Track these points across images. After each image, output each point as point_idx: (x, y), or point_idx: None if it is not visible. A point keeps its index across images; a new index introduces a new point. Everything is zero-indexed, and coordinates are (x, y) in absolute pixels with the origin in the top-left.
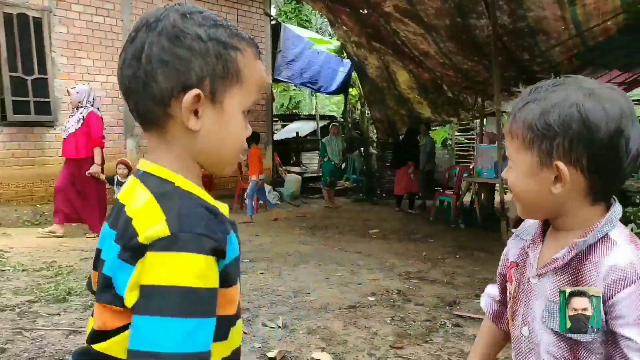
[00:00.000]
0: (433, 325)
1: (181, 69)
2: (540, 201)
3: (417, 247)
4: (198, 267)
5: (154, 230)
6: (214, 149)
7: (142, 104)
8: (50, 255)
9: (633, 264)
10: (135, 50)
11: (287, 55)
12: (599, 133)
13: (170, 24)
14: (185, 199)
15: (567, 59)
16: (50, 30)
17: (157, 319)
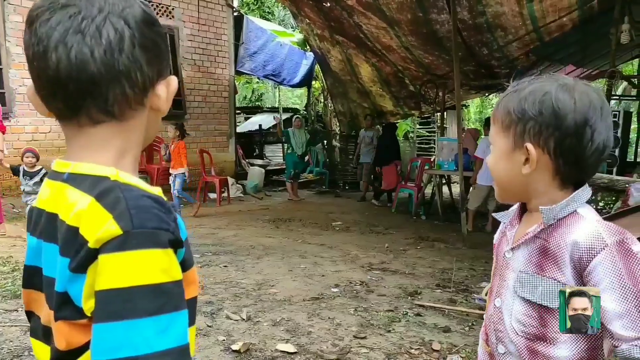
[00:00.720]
0: (395, 315)
1: (159, 54)
2: (514, 182)
3: (379, 239)
4: (159, 262)
5: (103, 231)
6: (156, 124)
7: (115, 93)
8: (6, 250)
9: (599, 232)
10: (115, 39)
11: (250, 47)
12: (565, 120)
13: (140, 10)
14: (127, 193)
15: (524, 54)
16: (5, 19)
17: (124, 323)
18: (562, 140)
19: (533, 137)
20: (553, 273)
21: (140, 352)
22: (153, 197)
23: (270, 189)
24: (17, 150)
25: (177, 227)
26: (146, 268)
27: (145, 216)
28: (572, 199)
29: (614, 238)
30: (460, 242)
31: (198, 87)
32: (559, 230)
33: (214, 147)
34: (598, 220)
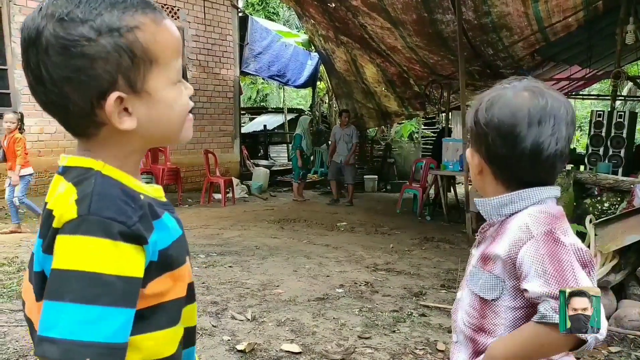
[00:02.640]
0: (400, 315)
1: (87, 79)
2: (476, 184)
3: (384, 240)
4: (103, 252)
5: (64, 212)
6: (158, 129)
7: (69, 122)
8: (12, 251)
9: (527, 224)
10: (34, 76)
11: (255, 47)
12: (494, 130)
13: (51, 35)
14: (100, 182)
15: (529, 55)
16: (10, 20)
17: (57, 304)
18: (489, 148)
19: (473, 144)
20: (491, 267)
21: (63, 336)
22: (126, 191)
23: (275, 190)
24: None
25: (143, 223)
26: (89, 255)
27: (104, 204)
28: (517, 196)
29: (542, 228)
30: (465, 243)
31: (203, 87)
32: (503, 227)
33: (218, 147)
34: (532, 213)
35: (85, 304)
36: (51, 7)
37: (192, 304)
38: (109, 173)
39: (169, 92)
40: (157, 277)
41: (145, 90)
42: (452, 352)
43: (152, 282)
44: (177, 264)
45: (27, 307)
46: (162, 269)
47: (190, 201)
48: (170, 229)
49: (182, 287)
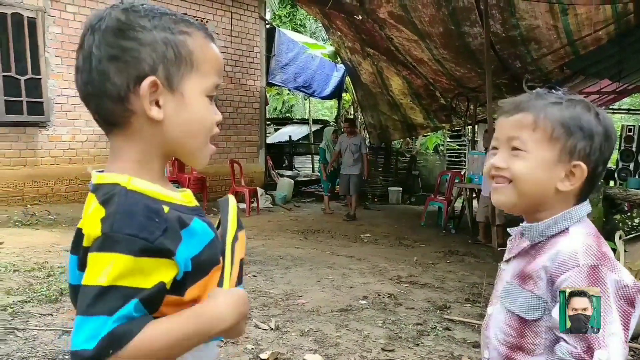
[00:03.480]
0: (424, 328)
1: (131, 60)
2: (540, 193)
3: (408, 252)
4: (123, 267)
5: (91, 231)
6: (182, 135)
7: (102, 106)
8: (42, 256)
9: (575, 251)
10: (84, 55)
11: (282, 59)
12: (610, 147)
13: (112, 19)
14: (124, 199)
15: (558, 68)
16: (45, 31)
17: (84, 318)
18: (600, 163)
19: (583, 156)
20: (531, 286)
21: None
22: (150, 205)
23: (299, 200)
24: (53, 159)
25: (168, 236)
26: (108, 270)
27: (126, 222)
28: (561, 218)
29: (589, 261)
30: (490, 257)
31: (230, 98)
32: (546, 246)
33: (244, 157)
34: (583, 240)
35: (107, 316)
36: (120, 3)
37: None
38: (134, 187)
39: (201, 102)
40: (193, 284)
41: (180, 91)
42: None
43: (189, 289)
44: (210, 266)
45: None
46: (198, 276)
47: (215, 210)
48: (200, 234)
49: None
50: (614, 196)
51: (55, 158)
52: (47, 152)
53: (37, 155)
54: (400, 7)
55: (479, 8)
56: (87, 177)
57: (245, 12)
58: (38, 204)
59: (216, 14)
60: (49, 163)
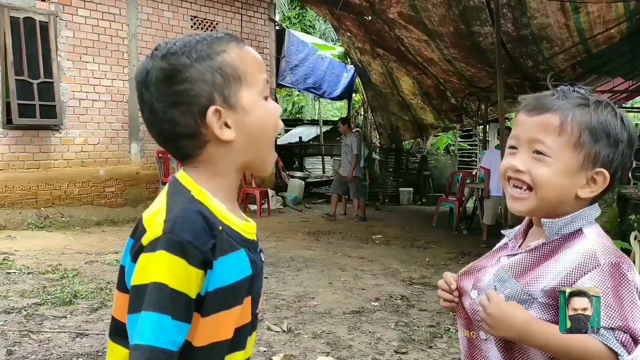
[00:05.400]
0: (437, 330)
1: (190, 100)
2: (561, 200)
3: (420, 253)
4: (177, 269)
5: (152, 231)
6: (253, 142)
7: (179, 146)
8: (56, 258)
9: (594, 251)
10: (149, 109)
11: (291, 60)
12: (631, 153)
13: (157, 70)
14: (187, 206)
15: (571, 67)
16: (57, 35)
17: (137, 315)
18: (620, 169)
19: (605, 163)
20: (526, 282)
21: (145, 342)
22: (208, 218)
23: (310, 202)
24: (66, 162)
25: (213, 251)
26: (165, 269)
27: (185, 227)
28: (577, 216)
29: (609, 259)
30: None
31: None
32: (561, 247)
33: None
34: (598, 240)
35: (160, 313)
36: (155, 52)
37: (237, 351)
38: (200, 198)
39: (260, 106)
40: (215, 312)
41: (240, 105)
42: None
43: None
44: (233, 303)
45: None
46: (219, 306)
47: None
48: (238, 267)
49: (245, 318)
50: (628, 196)
51: (68, 161)
52: (60, 155)
53: (50, 158)
54: (410, 7)
55: (489, 7)
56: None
57: (255, 14)
58: (51, 207)
59: (226, 15)
60: (62, 166)
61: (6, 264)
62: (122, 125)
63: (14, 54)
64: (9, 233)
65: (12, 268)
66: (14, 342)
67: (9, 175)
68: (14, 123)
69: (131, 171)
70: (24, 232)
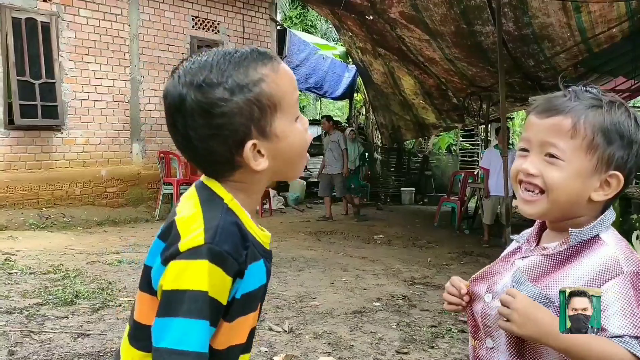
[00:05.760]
0: (439, 330)
1: (228, 133)
2: (573, 203)
3: (422, 253)
4: (215, 277)
5: (191, 238)
6: (284, 165)
7: (212, 169)
8: (57, 259)
9: (617, 259)
10: (183, 136)
11: (293, 60)
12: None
13: (194, 102)
14: (225, 216)
15: (572, 66)
16: (58, 35)
17: (170, 319)
18: (634, 170)
19: (619, 165)
20: (544, 286)
21: (168, 345)
22: (242, 229)
23: (312, 201)
24: (68, 162)
25: (246, 260)
26: (204, 277)
27: (225, 238)
28: (598, 222)
29: (632, 268)
30: None
31: None
32: (580, 254)
33: None
34: (619, 247)
35: (192, 318)
36: (189, 76)
37: (246, 354)
38: (233, 207)
39: (293, 130)
40: (238, 316)
41: (274, 134)
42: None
43: (236, 320)
44: (249, 309)
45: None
46: (242, 311)
47: None
48: (258, 276)
49: (244, 334)
50: (630, 196)
51: (69, 161)
52: (61, 155)
53: (52, 158)
54: (412, 6)
55: (490, 6)
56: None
57: (257, 14)
58: (53, 207)
59: (227, 16)
60: (64, 166)
61: (8, 264)
62: (124, 126)
63: (15, 54)
64: (11, 233)
65: (13, 268)
66: (15, 342)
67: (10, 175)
68: (15, 123)
69: (133, 171)
70: (26, 232)
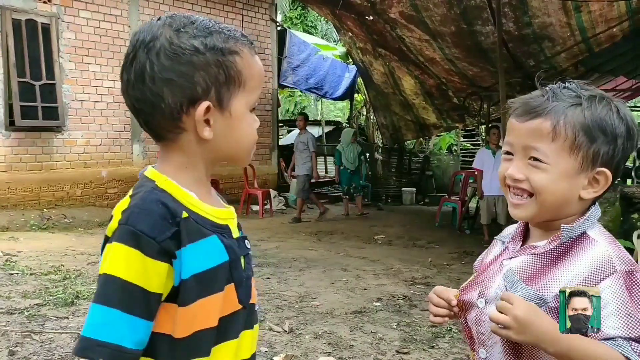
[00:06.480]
0: (439, 330)
1: (186, 84)
2: (563, 203)
3: (422, 253)
4: (130, 261)
5: (112, 221)
6: (228, 150)
7: (152, 122)
8: (58, 259)
9: (610, 257)
10: (137, 72)
11: (293, 61)
12: (632, 145)
13: (166, 41)
14: (146, 195)
15: (573, 65)
16: (58, 36)
17: (91, 305)
18: (622, 164)
19: (605, 161)
20: (539, 286)
21: (86, 334)
22: (170, 207)
23: (312, 202)
24: (69, 163)
25: (174, 240)
26: (118, 261)
27: (140, 217)
28: (586, 219)
29: (624, 267)
30: None
31: None
32: (570, 252)
33: (256, 159)
34: (610, 244)
35: (107, 306)
36: (169, 20)
37: (227, 341)
38: (164, 186)
39: (246, 117)
40: (197, 299)
41: (229, 109)
42: None
43: (195, 304)
44: (211, 290)
45: None
46: (201, 293)
47: None
48: (211, 253)
49: (211, 319)
50: (631, 195)
51: (70, 162)
52: (62, 157)
53: (53, 159)
54: (411, 7)
55: (491, 7)
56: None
57: (257, 14)
58: (54, 208)
59: (227, 16)
60: (65, 167)
61: (9, 265)
62: (124, 127)
63: (16, 55)
64: (12, 234)
65: (14, 269)
66: (16, 342)
67: (11, 176)
68: (16, 125)
69: (133, 172)
70: (27, 233)
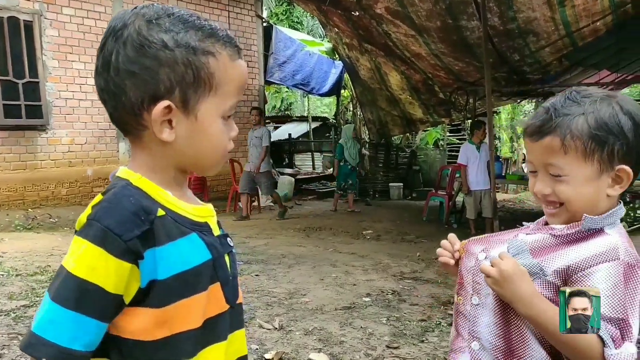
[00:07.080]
0: (428, 324)
1: (148, 79)
2: (593, 205)
3: (411, 248)
4: (90, 259)
5: (82, 216)
6: (192, 157)
7: (116, 114)
8: (44, 260)
9: (617, 247)
10: (104, 60)
11: (279, 57)
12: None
13: (135, 31)
14: (118, 191)
15: (557, 60)
16: (41, 34)
17: (48, 300)
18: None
19: (622, 157)
20: (545, 261)
21: (34, 330)
22: (143, 204)
23: (300, 198)
24: (53, 162)
25: (144, 239)
26: (78, 257)
27: (108, 213)
28: (608, 215)
29: (628, 259)
30: None
31: None
32: (581, 241)
33: (244, 156)
34: (621, 239)
35: (61, 306)
36: (145, 9)
37: (216, 343)
38: (139, 184)
39: (215, 124)
40: (176, 300)
41: (194, 114)
42: (471, 315)
43: (174, 305)
44: (193, 290)
45: None
46: (183, 294)
47: (216, 210)
48: (191, 253)
49: (194, 320)
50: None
51: (55, 161)
52: (46, 156)
53: (37, 158)
54: (397, 2)
55: (476, 1)
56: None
57: (242, 11)
58: (39, 208)
59: (212, 12)
60: (49, 166)
61: None
62: (110, 125)
63: None
64: None
65: (0, 270)
66: (2, 345)
67: None
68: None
69: None
70: (12, 233)
